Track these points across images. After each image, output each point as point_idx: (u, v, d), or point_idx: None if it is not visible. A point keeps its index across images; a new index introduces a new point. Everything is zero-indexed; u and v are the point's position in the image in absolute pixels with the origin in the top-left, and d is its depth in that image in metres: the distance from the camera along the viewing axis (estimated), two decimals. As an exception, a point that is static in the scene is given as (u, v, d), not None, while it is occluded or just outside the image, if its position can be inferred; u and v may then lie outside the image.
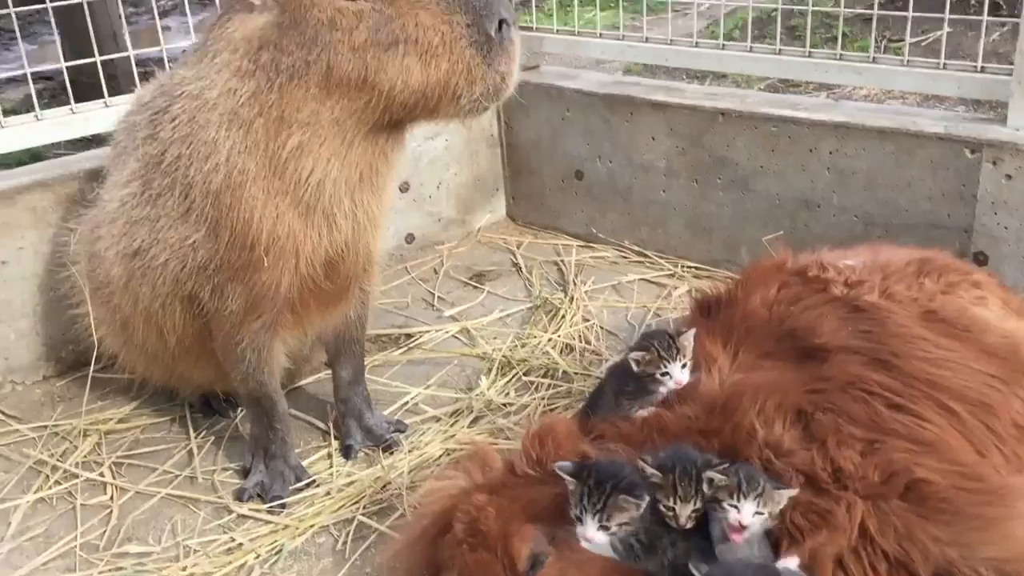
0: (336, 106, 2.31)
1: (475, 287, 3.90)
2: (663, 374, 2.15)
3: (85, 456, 2.91)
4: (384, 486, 2.67)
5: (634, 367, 2.19)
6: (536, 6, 4.50)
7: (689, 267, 3.84)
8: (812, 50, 3.53)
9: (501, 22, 2.29)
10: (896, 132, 3.18)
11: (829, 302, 2.39)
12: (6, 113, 3.36)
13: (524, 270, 4.00)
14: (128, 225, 2.58)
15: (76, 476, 2.82)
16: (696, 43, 3.88)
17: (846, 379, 2.17)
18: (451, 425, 2.95)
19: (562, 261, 4.04)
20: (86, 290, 2.88)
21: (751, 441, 2.05)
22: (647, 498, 1.84)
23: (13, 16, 3.37)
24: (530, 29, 4.44)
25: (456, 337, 3.52)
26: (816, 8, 3.71)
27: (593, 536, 1.80)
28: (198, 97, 2.37)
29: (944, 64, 3.21)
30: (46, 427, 3.07)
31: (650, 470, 1.87)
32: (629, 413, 2.23)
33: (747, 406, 2.11)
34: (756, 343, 2.34)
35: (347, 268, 2.60)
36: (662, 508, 1.85)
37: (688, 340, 2.20)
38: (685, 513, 1.83)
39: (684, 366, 2.17)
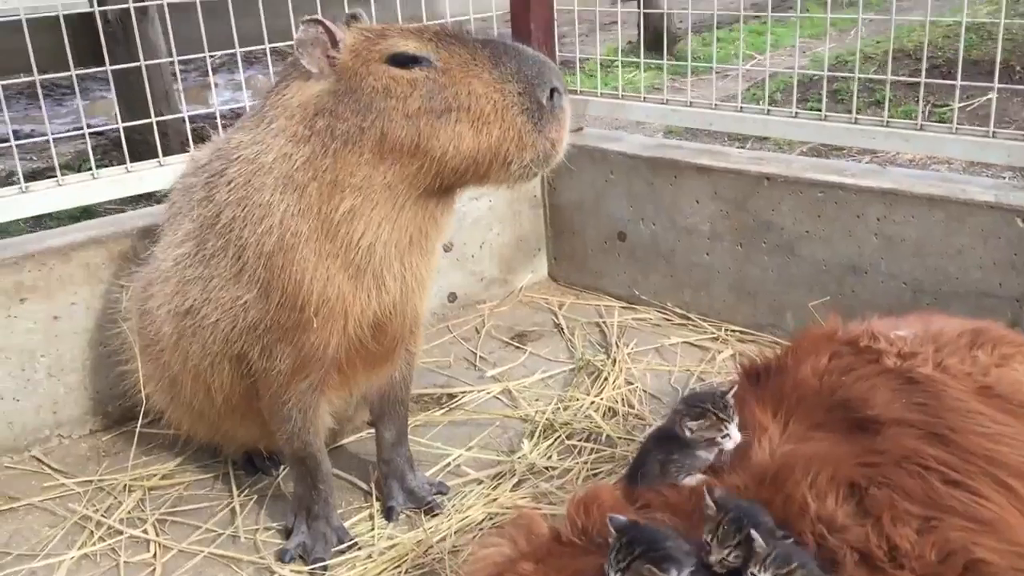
0: (388, 171, 2.35)
1: (517, 347, 3.90)
2: (724, 436, 2.15)
3: (129, 512, 2.92)
4: (426, 550, 2.65)
5: (688, 434, 2.17)
6: (579, 67, 4.55)
7: (733, 331, 3.82)
8: (858, 116, 3.54)
9: (552, 90, 2.33)
10: (945, 200, 3.16)
11: (882, 373, 2.36)
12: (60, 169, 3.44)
13: (566, 331, 3.99)
14: (181, 284, 2.62)
15: (120, 533, 2.82)
16: (740, 108, 3.91)
17: (901, 453, 2.12)
18: (493, 488, 2.93)
19: (604, 322, 4.03)
20: (136, 347, 2.92)
21: (803, 515, 2.01)
22: (679, 573, 1.81)
23: (74, 78, 3.47)
24: (574, 92, 4.49)
25: (498, 398, 3.51)
26: (863, 75, 3.72)
27: None
28: (254, 161, 2.42)
29: (993, 132, 3.20)
30: (91, 482, 3.09)
31: (709, 500, 1.88)
32: (676, 481, 2.21)
33: (799, 478, 2.07)
34: (807, 413, 2.31)
35: (394, 329, 2.62)
36: (704, 539, 1.85)
37: (732, 399, 2.21)
38: (716, 556, 1.82)
39: (735, 425, 2.18)
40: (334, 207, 2.36)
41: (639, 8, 7.90)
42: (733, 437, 2.16)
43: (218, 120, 3.81)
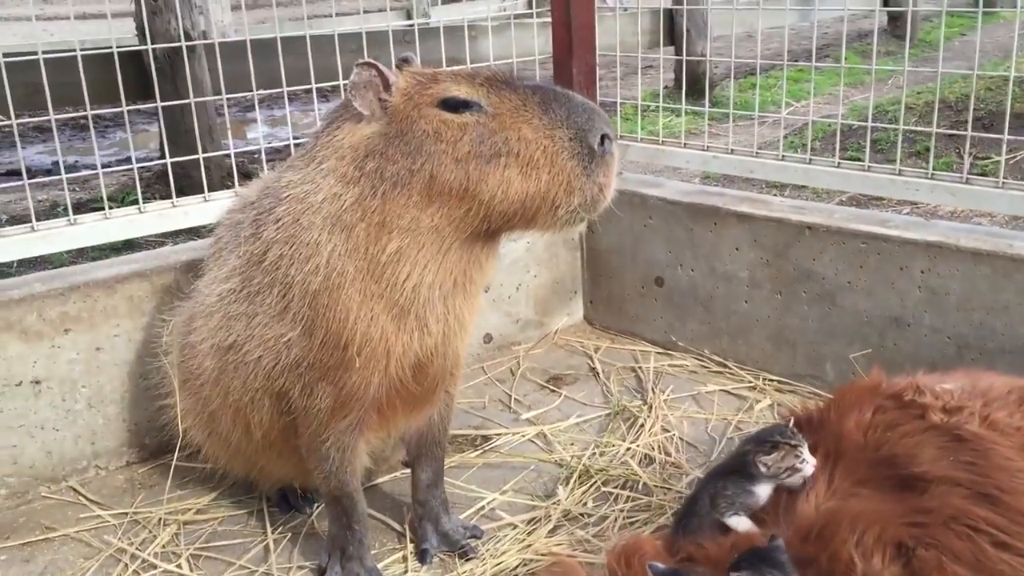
0: (436, 214, 2.37)
1: (552, 390, 3.88)
2: (802, 461, 2.19)
3: (164, 546, 2.93)
4: (460, 595, 2.63)
5: (764, 470, 2.19)
6: (620, 114, 4.58)
7: (771, 380, 3.78)
8: (903, 168, 3.52)
9: (603, 137, 2.35)
10: (992, 254, 3.13)
11: (928, 429, 2.32)
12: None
13: (601, 375, 3.98)
14: (225, 319, 2.64)
15: (154, 567, 2.83)
16: (782, 156, 3.90)
17: (949, 513, 2.08)
18: (528, 534, 2.91)
19: (640, 368, 4.01)
20: (175, 380, 2.94)
21: (849, 574, 1.97)
22: None
23: (125, 113, 3.54)
24: (614, 136, 4.51)
25: (533, 441, 3.49)
26: (907, 128, 3.71)
27: None
28: (303, 200, 2.45)
29: (1040, 187, 3.18)
30: (127, 514, 3.10)
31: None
32: (724, 517, 2.21)
33: (845, 536, 2.04)
34: (851, 468, 2.27)
35: (435, 371, 2.62)
36: None
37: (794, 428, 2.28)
38: None
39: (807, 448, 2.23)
40: (381, 248, 2.38)
41: (681, 55, 7.94)
42: (810, 461, 2.20)
43: (262, 156, 3.87)
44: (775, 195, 5.16)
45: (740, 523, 2.21)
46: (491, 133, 2.33)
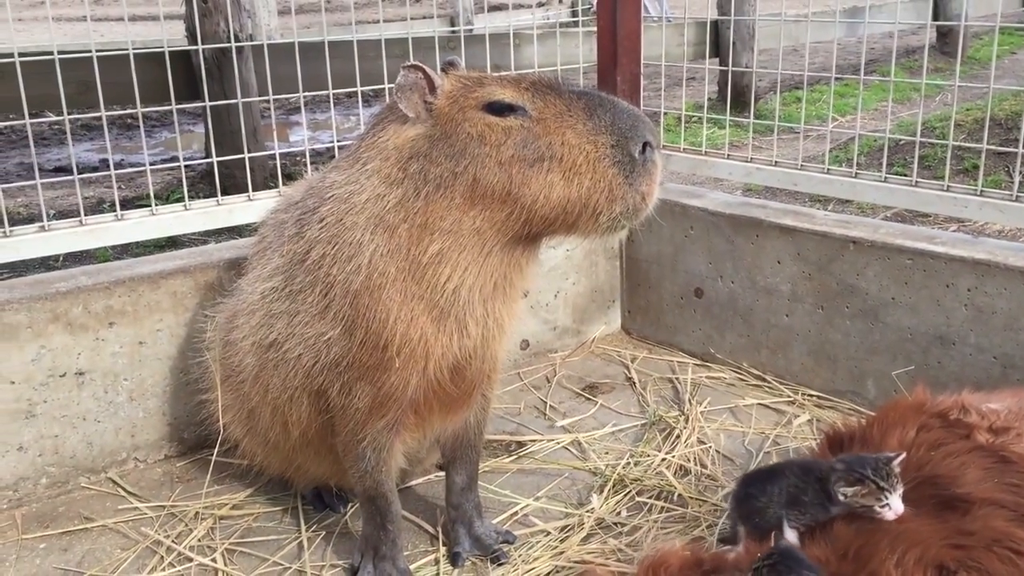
0: (478, 217, 2.37)
1: (588, 399, 3.87)
2: (883, 506, 2.10)
3: (199, 540, 2.95)
4: (491, 600, 2.62)
5: (841, 499, 2.14)
6: (662, 123, 4.56)
7: (810, 395, 3.74)
8: (951, 184, 3.47)
9: (645, 144, 2.34)
10: (1041, 273, 3.07)
11: (973, 450, 2.28)
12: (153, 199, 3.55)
13: (638, 385, 3.96)
14: (267, 317, 2.67)
15: (190, 560, 2.85)
16: (827, 170, 3.87)
17: (991, 536, 2.05)
18: (561, 541, 2.89)
19: (677, 379, 3.98)
20: (217, 376, 2.97)
21: (889, 594, 1.95)
22: None
23: (174, 112, 3.59)
24: (657, 146, 4.50)
25: (567, 448, 3.48)
26: (956, 144, 3.66)
27: None
28: (347, 200, 2.46)
29: (1093, 207, 3.11)
30: (164, 507, 3.14)
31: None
32: (787, 523, 2.19)
33: (884, 556, 2.01)
34: (893, 488, 2.25)
35: (473, 373, 2.62)
36: None
37: (899, 466, 2.15)
38: None
39: (899, 494, 2.12)
40: (423, 249, 2.38)
41: (726, 66, 7.90)
42: (895, 508, 2.10)
43: (306, 157, 3.90)
44: (819, 209, 5.10)
45: (791, 537, 2.18)
46: (535, 137, 2.33)
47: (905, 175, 3.71)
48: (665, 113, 4.67)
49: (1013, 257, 3.18)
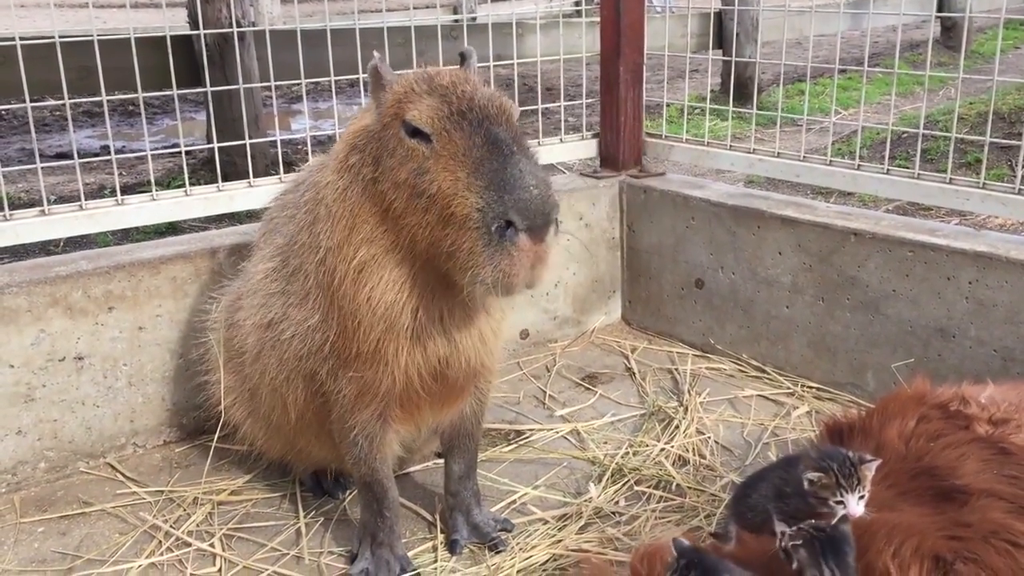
0: (389, 232, 2.31)
1: (587, 388, 3.87)
2: (837, 502, 2.01)
3: (197, 525, 2.95)
4: (488, 587, 2.62)
5: (806, 486, 2.06)
6: (666, 116, 4.55)
7: (810, 387, 3.74)
8: (953, 176, 3.46)
9: (507, 222, 2.10)
10: (1043, 267, 3.06)
11: (972, 441, 2.27)
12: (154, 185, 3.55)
13: (637, 375, 3.95)
14: (266, 297, 2.67)
15: (188, 544, 2.85)
16: (830, 161, 3.85)
17: (989, 528, 2.04)
18: (559, 529, 2.89)
19: (676, 370, 3.98)
20: (220, 357, 2.96)
21: (886, 585, 1.94)
22: None
23: (176, 97, 3.58)
24: (659, 137, 4.49)
25: (566, 438, 3.48)
26: (959, 136, 3.64)
27: None
28: (317, 185, 2.47)
29: (1096, 200, 3.11)
30: (162, 492, 3.14)
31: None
32: (776, 519, 2.15)
33: (882, 546, 2.00)
34: (891, 478, 2.24)
35: (455, 374, 2.57)
36: None
37: (870, 471, 2.04)
38: None
39: (861, 498, 2.02)
40: (353, 254, 2.33)
41: (731, 56, 7.87)
42: (849, 508, 1.99)
43: (308, 145, 3.89)
44: (821, 202, 5.08)
45: (781, 530, 2.16)
46: (426, 171, 2.20)
47: (908, 168, 3.69)
48: (668, 104, 4.65)
49: (1015, 250, 3.17)
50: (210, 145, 3.81)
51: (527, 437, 3.47)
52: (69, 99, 3.35)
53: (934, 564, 1.98)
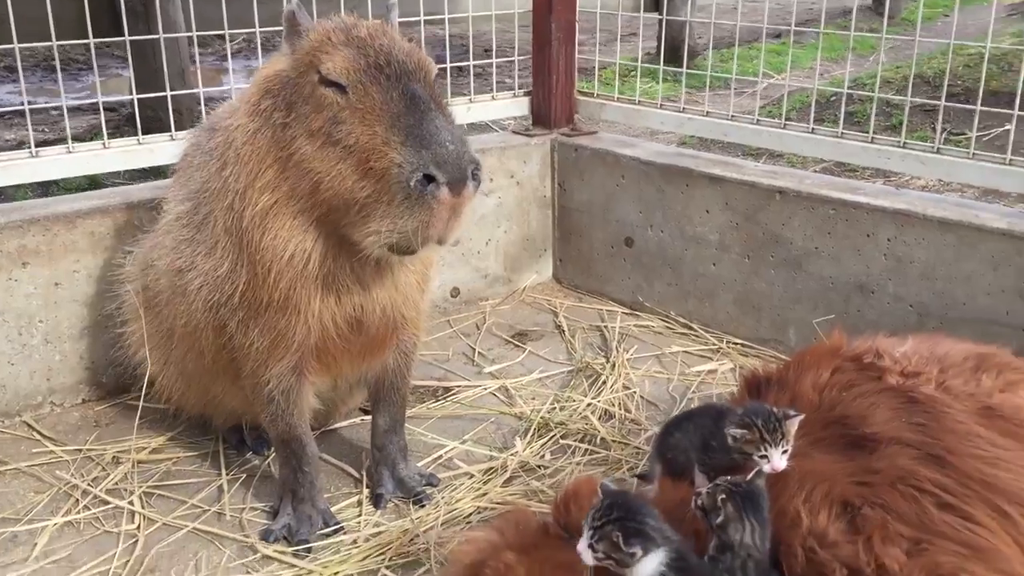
0: (290, 179, 2.29)
1: (516, 346, 3.88)
2: (760, 456, 2.05)
3: (116, 483, 2.90)
4: (412, 539, 2.62)
5: (730, 441, 2.10)
6: (598, 76, 4.53)
7: (735, 343, 3.79)
8: (875, 136, 3.52)
9: (426, 176, 2.12)
10: (958, 224, 3.14)
11: (883, 391, 2.33)
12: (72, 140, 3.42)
13: (567, 333, 3.97)
14: (177, 241, 2.62)
15: (106, 503, 2.80)
16: (757, 120, 3.89)
17: (896, 473, 2.10)
18: (484, 483, 2.91)
19: (606, 327, 4.01)
20: (141, 307, 2.88)
21: (795, 528, 1.99)
22: (642, 554, 1.78)
23: (92, 47, 3.46)
24: (591, 95, 4.48)
25: (494, 394, 3.49)
26: (883, 95, 3.70)
27: (582, 550, 1.81)
28: (227, 129, 2.42)
29: (1010, 160, 3.18)
30: (80, 451, 3.08)
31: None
32: (697, 469, 2.20)
33: (793, 492, 2.05)
34: (804, 427, 2.27)
35: (374, 326, 2.56)
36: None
37: (793, 425, 2.09)
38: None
39: (784, 452, 2.06)
40: (256, 197, 2.31)
41: (662, 14, 7.88)
42: (772, 462, 2.04)
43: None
44: (753, 162, 5.14)
45: (700, 482, 2.19)
46: (341, 121, 2.20)
47: (834, 128, 3.74)
48: (604, 68, 4.64)
49: (932, 208, 3.24)
50: (130, 97, 3.69)
51: (455, 393, 3.48)
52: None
53: (843, 509, 2.03)
